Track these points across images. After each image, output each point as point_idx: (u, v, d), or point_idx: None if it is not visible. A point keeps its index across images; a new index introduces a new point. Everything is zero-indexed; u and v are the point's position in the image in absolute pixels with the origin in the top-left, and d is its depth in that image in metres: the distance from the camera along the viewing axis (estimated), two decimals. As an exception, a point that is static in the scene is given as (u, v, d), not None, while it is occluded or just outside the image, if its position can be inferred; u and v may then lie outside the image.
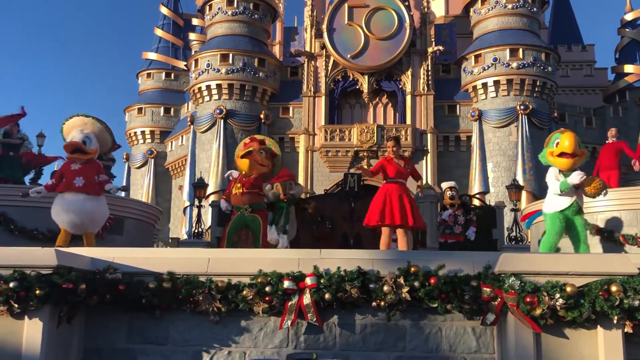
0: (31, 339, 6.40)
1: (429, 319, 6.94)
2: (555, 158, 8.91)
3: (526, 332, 6.36)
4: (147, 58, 45.31)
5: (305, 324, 6.93)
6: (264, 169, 10.04)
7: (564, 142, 8.80)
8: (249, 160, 9.81)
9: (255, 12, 38.14)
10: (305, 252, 7.56)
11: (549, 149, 9.03)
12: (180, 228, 37.42)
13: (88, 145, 9.37)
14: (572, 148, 8.74)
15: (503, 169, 34.83)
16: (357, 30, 36.16)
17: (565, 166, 8.85)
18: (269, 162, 10.12)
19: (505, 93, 35.67)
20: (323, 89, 36.62)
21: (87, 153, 9.34)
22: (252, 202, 9.82)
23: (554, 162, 8.95)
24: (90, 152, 9.40)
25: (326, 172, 35.72)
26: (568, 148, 8.74)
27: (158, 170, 42.20)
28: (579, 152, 8.91)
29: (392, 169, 9.58)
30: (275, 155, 10.33)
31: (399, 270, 6.79)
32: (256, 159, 9.84)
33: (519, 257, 6.76)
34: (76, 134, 9.36)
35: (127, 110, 44.65)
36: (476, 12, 38.21)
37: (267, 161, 10.04)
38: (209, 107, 37.04)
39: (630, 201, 11.46)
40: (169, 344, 7.04)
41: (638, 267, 6.38)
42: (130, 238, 12.08)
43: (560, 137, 8.93)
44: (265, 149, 10.09)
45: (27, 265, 6.45)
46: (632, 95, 39.92)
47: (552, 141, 9.04)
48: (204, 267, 7.08)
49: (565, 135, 8.91)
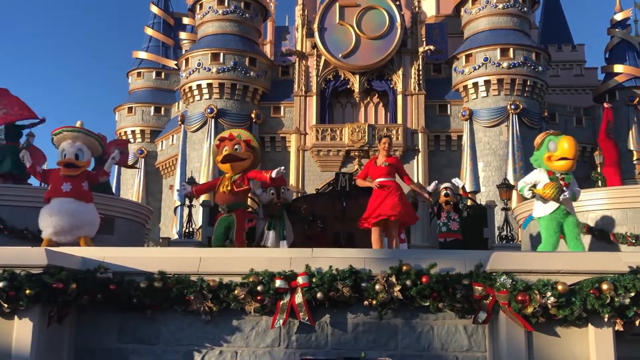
0: (21, 339, 6.36)
1: (421, 318, 6.94)
2: (554, 162, 8.88)
3: (518, 330, 6.37)
4: (138, 57, 45.13)
5: (297, 323, 6.92)
6: (247, 161, 10.15)
7: (563, 146, 8.77)
8: (230, 164, 9.95)
9: (246, 11, 38.07)
10: (297, 251, 7.55)
11: (545, 153, 8.92)
12: (171, 228, 37.29)
13: (80, 158, 9.59)
14: (572, 152, 8.76)
15: (494, 168, 34.94)
16: (349, 29, 36.16)
17: (564, 168, 8.84)
18: (250, 153, 10.20)
19: (495, 93, 35.79)
20: (314, 89, 36.60)
21: (79, 167, 9.57)
22: (235, 201, 9.94)
23: (552, 166, 8.89)
24: (82, 166, 9.64)
25: (317, 172, 35.71)
26: (568, 152, 8.74)
27: (148, 169, 42.03)
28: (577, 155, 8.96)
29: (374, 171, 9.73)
30: (249, 142, 10.36)
31: (390, 269, 6.79)
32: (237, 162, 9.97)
33: (511, 255, 6.78)
34: (67, 147, 9.55)
35: (117, 110, 44.44)
36: (467, 12, 38.31)
37: (247, 153, 10.14)
38: (199, 107, 36.94)
39: (621, 200, 11.53)
40: (160, 343, 7.01)
41: (629, 265, 6.41)
42: (121, 238, 12.03)
43: (557, 142, 8.86)
44: (239, 142, 10.15)
45: (17, 264, 6.41)
46: (622, 95, 40.10)
47: (545, 144, 8.96)
48: (195, 266, 7.06)
49: (563, 139, 8.86)
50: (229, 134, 10.42)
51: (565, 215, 8.85)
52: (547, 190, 8.75)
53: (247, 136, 10.52)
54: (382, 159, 9.77)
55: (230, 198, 9.90)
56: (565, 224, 8.89)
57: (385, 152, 9.81)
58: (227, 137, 10.33)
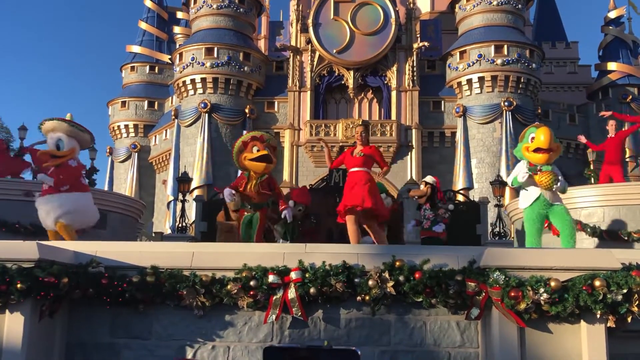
0: (12, 333, 6.32)
1: (414, 314, 6.94)
2: (530, 153, 8.91)
3: (510, 326, 6.38)
4: (131, 51, 44.98)
5: (290, 318, 6.90)
6: (272, 166, 10.25)
7: (539, 137, 8.79)
8: (266, 164, 9.95)
9: (240, 5, 37.98)
10: (291, 247, 7.54)
11: (524, 144, 8.99)
12: (164, 222, 37.25)
13: (61, 148, 9.42)
14: (547, 143, 8.74)
15: (487, 164, 35.02)
16: (343, 25, 36.13)
17: (541, 161, 8.86)
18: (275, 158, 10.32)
19: (489, 89, 35.85)
20: (308, 84, 36.58)
21: (59, 157, 9.41)
22: (260, 201, 9.99)
23: (530, 157, 8.92)
24: (63, 155, 9.44)
25: (311, 167, 35.72)
26: (543, 143, 8.74)
27: (142, 164, 41.95)
28: (554, 147, 8.93)
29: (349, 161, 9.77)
30: (275, 148, 10.48)
31: (384, 264, 6.78)
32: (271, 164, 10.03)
33: (504, 251, 6.78)
34: (48, 140, 9.48)
35: (111, 104, 44.32)
36: (461, 9, 38.34)
37: (275, 158, 10.28)
38: (193, 101, 36.86)
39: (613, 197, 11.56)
40: (152, 338, 6.98)
41: (621, 262, 6.42)
42: (114, 232, 12.00)
43: (535, 132, 8.91)
44: (269, 146, 10.17)
45: (8, 258, 6.36)
46: (615, 92, 40.28)
47: (527, 136, 9.01)
48: (188, 261, 7.03)
49: (540, 130, 8.89)
50: (260, 135, 10.37)
51: (548, 205, 8.88)
52: (543, 177, 8.78)
53: (274, 142, 10.55)
54: (358, 149, 9.75)
55: (257, 197, 9.91)
56: (551, 214, 8.91)
57: (360, 142, 9.77)
58: (258, 137, 10.26)
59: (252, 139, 10.22)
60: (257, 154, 9.97)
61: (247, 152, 10.07)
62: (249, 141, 10.17)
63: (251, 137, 10.31)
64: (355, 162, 9.66)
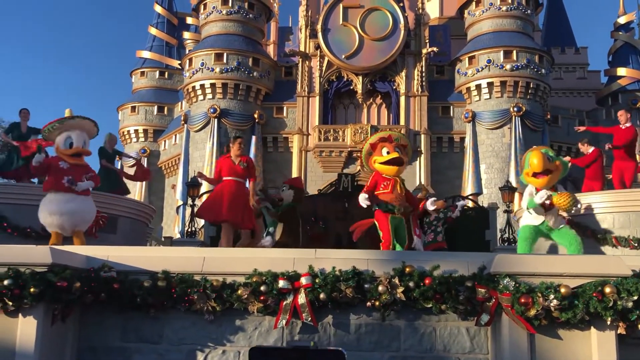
0: (25, 337, 6.38)
1: (424, 319, 6.95)
2: (531, 178, 8.99)
3: (520, 332, 6.38)
4: (141, 57, 45.18)
5: (300, 324, 6.93)
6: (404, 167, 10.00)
7: (532, 162, 8.87)
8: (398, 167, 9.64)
9: (250, 11, 38.10)
10: (301, 252, 7.57)
11: (525, 170, 9.11)
12: (173, 227, 37.32)
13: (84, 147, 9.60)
14: (540, 166, 8.79)
15: (496, 170, 34.92)
16: (352, 30, 36.16)
17: (542, 185, 8.92)
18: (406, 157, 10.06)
19: (498, 95, 35.77)
20: (317, 89, 36.61)
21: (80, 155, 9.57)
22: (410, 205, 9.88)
23: (532, 182, 9.06)
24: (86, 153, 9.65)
25: (320, 172, 35.70)
26: (537, 167, 8.82)
27: (151, 169, 41.99)
28: (552, 167, 8.95)
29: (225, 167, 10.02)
30: (406, 146, 10.19)
31: (394, 270, 6.80)
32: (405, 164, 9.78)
33: (514, 258, 6.79)
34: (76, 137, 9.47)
35: (121, 109, 44.50)
36: (470, 14, 38.30)
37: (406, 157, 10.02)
38: (202, 106, 36.97)
39: (623, 203, 11.51)
40: (163, 342, 7.03)
41: (632, 269, 6.42)
42: (124, 237, 12.04)
43: (529, 157, 8.99)
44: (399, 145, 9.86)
45: (21, 262, 6.42)
46: (625, 97, 40.11)
47: (527, 161, 9.10)
48: (199, 266, 7.07)
49: (532, 154, 8.96)
50: (388, 135, 10.03)
51: (548, 229, 8.97)
52: (562, 199, 8.75)
53: (404, 140, 10.26)
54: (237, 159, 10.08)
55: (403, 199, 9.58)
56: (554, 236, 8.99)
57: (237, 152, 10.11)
58: (386, 138, 9.94)
59: (380, 140, 9.90)
60: (388, 157, 9.61)
61: (377, 154, 9.76)
62: (377, 143, 9.87)
63: (379, 139, 9.98)
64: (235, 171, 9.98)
